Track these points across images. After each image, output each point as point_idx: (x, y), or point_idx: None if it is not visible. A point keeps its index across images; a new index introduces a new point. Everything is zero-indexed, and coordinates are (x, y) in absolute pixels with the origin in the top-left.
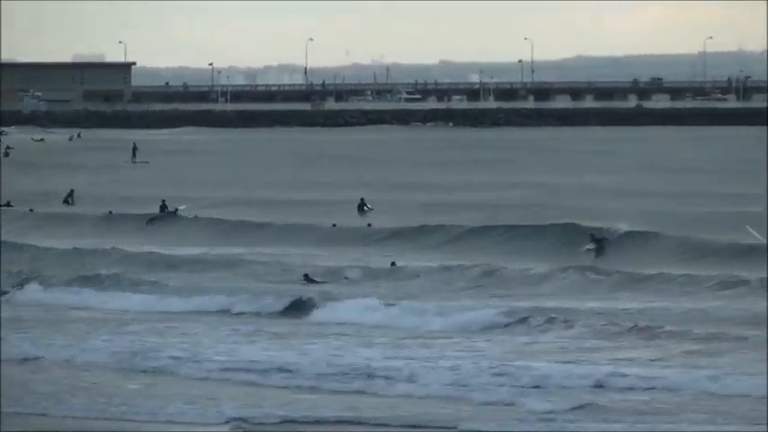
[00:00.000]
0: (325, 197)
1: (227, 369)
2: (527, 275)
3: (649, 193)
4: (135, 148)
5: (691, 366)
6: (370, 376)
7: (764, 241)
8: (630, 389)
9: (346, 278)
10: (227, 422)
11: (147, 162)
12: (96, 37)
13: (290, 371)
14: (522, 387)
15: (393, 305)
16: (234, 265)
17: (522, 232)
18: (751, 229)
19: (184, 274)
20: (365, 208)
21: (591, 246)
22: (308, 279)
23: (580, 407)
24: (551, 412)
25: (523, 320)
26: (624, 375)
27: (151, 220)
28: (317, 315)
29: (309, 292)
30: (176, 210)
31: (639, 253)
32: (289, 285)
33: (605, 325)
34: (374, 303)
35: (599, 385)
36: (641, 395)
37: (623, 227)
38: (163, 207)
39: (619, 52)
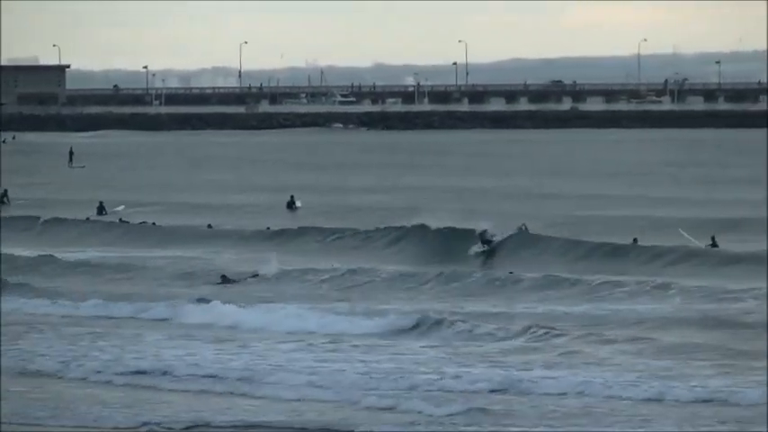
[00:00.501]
0: (241, 200)
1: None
2: (413, 278)
3: (551, 196)
4: (71, 153)
5: (583, 368)
6: (254, 381)
7: (697, 243)
8: (528, 393)
9: (256, 275)
10: (143, 425)
11: (84, 167)
12: (30, 40)
13: (170, 373)
14: (425, 391)
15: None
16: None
17: (414, 234)
18: (683, 232)
19: (81, 277)
20: (294, 206)
21: (480, 248)
22: (225, 280)
23: (476, 410)
24: (450, 415)
25: (418, 325)
26: (520, 380)
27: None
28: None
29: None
30: (115, 211)
31: (527, 255)
32: (206, 287)
33: (498, 328)
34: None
35: (495, 389)
36: (539, 399)
37: (512, 229)
38: (101, 209)
39: (552, 54)
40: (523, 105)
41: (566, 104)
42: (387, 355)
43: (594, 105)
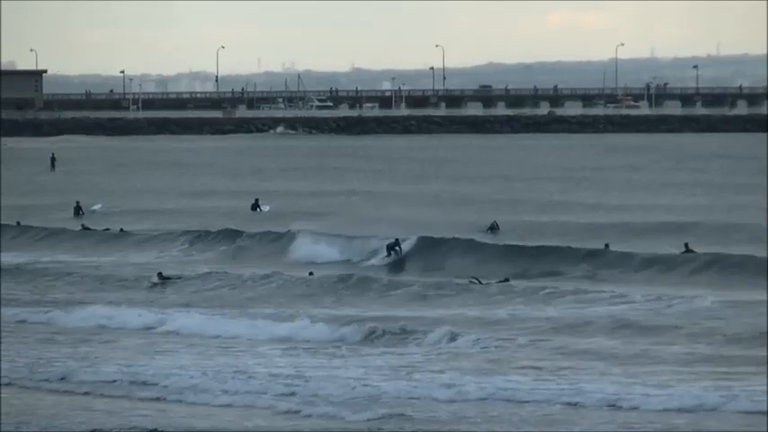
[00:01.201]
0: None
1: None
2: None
3: (472, 201)
4: (53, 159)
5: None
6: (165, 387)
7: (672, 250)
8: (437, 399)
9: (179, 278)
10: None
11: (64, 171)
12: (7, 45)
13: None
14: (340, 398)
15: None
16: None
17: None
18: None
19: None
20: (258, 209)
21: (387, 254)
22: (161, 277)
23: (389, 416)
24: (368, 420)
25: (339, 330)
26: (430, 387)
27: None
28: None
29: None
30: (93, 210)
31: (431, 260)
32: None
33: (400, 334)
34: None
35: (413, 397)
36: (450, 406)
37: (415, 236)
38: (77, 209)
39: (530, 59)
40: (501, 110)
41: (544, 109)
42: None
43: (572, 110)
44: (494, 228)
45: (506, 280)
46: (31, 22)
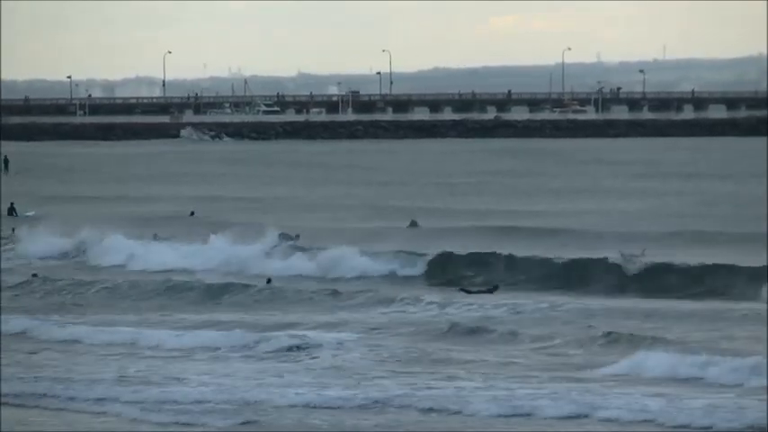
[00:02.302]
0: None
1: None
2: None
3: (335, 207)
4: (6, 161)
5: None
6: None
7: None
8: (293, 406)
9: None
10: None
11: (19, 173)
12: None
13: None
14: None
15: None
16: None
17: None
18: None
19: None
20: (14, 213)
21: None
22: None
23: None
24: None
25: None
26: (284, 395)
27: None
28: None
29: None
30: (25, 215)
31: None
32: None
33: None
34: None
35: (274, 405)
36: (307, 412)
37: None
38: (11, 210)
39: (476, 63)
40: (447, 115)
41: (490, 114)
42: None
43: (519, 114)
44: (414, 224)
45: (495, 287)
46: None
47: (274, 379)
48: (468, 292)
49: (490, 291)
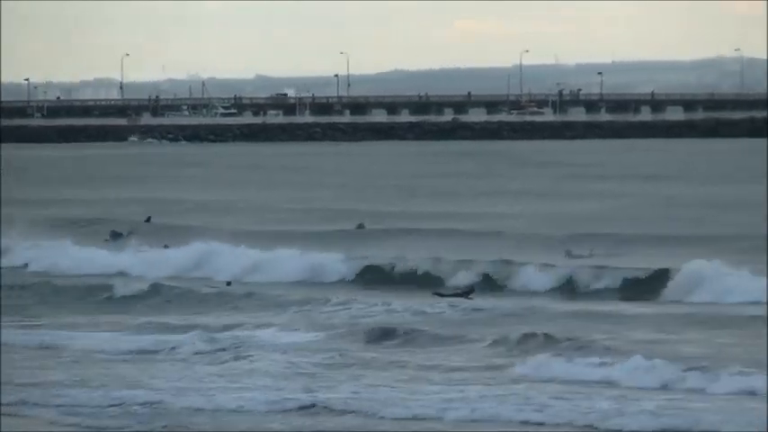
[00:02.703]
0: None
1: None
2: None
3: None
4: None
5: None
6: None
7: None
8: (217, 410)
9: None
10: None
11: None
12: None
13: None
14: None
15: None
16: None
17: None
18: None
19: None
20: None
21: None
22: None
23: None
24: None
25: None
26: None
27: None
28: None
29: None
30: None
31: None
32: None
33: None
34: None
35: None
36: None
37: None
38: None
39: (435, 65)
40: (404, 117)
41: (447, 116)
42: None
43: (476, 116)
44: (361, 227)
45: (471, 290)
46: None
47: (196, 383)
48: (442, 295)
49: (466, 294)
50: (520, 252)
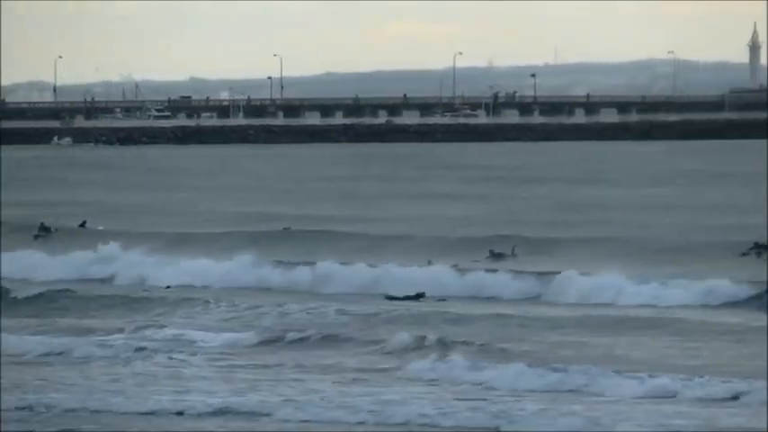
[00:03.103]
0: None
1: None
2: None
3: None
4: None
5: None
6: None
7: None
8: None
9: None
10: None
11: None
12: None
13: None
14: None
15: None
16: None
17: None
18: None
19: None
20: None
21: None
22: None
23: None
24: None
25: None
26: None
27: None
28: None
29: None
30: None
31: None
32: None
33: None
34: None
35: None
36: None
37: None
38: None
39: (368, 68)
40: (338, 119)
41: (381, 118)
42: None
43: (410, 119)
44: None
45: (422, 294)
46: None
47: (99, 384)
48: (393, 298)
49: (417, 297)
50: (437, 255)
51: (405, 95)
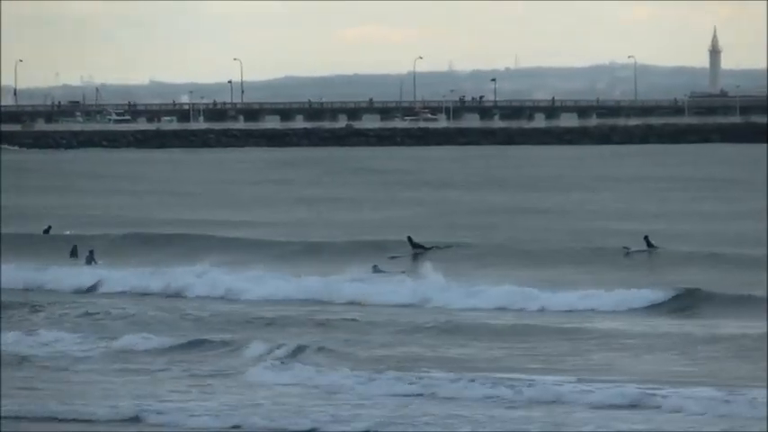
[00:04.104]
0: None
1: None
2: None
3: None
4: None
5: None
6: None
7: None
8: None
9: None
10: None
11: None
12: None
13: None
14: None
15: None
16: None
17: None
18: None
19: None
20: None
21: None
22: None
23: None
24: None
25: None
26: None
27: None
28: None
29: None
30: None
31: None
32: None
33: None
34: None
35: None
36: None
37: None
38: None
39: (328, 72)
40: (299, 123)
41: (342, 122)
42: None
43: (370, 123)
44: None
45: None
46: None
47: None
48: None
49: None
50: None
51: (371, 99)
